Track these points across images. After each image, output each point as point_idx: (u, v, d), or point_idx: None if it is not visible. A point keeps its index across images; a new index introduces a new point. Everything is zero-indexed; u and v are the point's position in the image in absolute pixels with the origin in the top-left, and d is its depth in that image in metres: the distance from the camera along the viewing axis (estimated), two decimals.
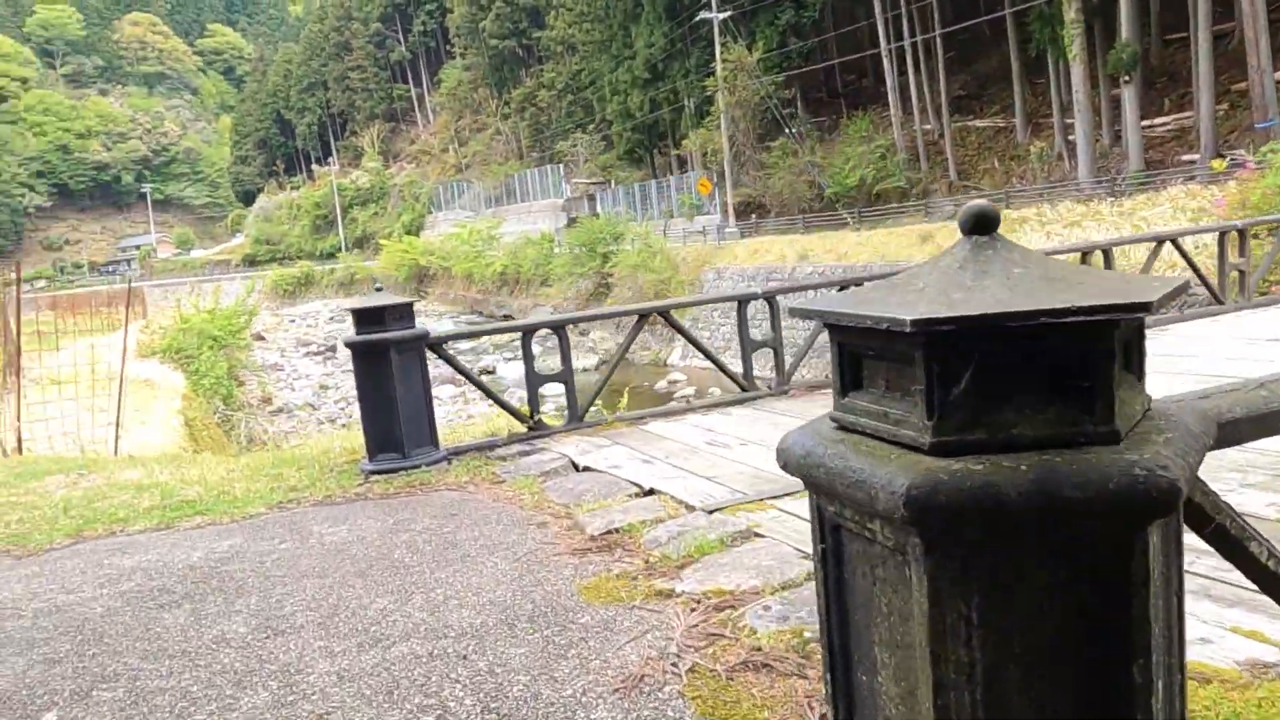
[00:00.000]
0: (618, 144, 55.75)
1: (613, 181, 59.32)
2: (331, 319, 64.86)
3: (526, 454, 5.56)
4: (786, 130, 42.00)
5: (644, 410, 6.39)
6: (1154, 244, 8.50)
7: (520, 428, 6.01)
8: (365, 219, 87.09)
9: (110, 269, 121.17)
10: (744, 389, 6.45)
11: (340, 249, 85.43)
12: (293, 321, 61.61)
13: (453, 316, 55.09)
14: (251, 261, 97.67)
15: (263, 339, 45.05)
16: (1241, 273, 8.50)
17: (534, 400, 5.96)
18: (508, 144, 76.88)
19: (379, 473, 5.47)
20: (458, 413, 27.48)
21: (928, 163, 38.43)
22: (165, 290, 72.12)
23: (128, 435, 12.10)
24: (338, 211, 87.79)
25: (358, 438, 6.77)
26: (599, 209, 55.62)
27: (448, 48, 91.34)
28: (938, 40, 37.47)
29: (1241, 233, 8.91)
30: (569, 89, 63.39)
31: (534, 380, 5.95)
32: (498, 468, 5.36)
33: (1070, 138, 33.75)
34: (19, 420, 9.43)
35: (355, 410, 28.79)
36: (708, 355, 6.66)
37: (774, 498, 4.05)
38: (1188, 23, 31.57)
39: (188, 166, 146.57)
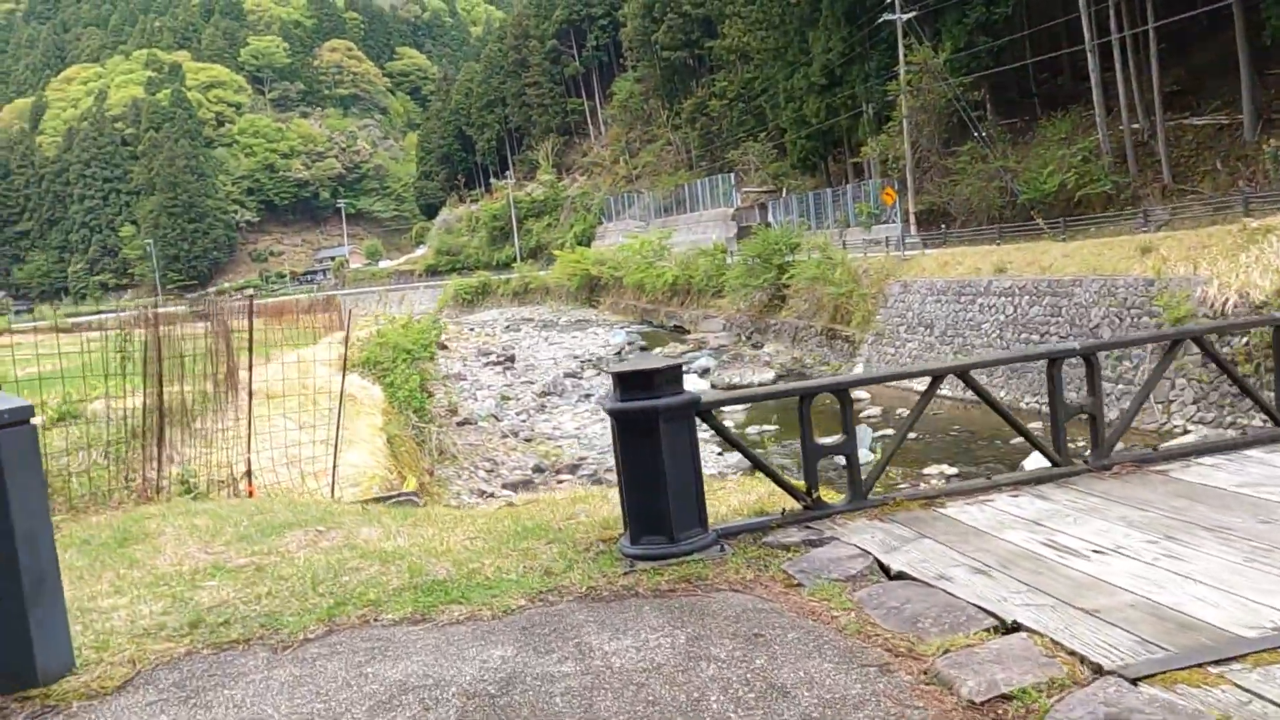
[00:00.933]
0: (791, 152, 54.31)
1: (784, 190, 57.91)
2: (508, 327, 66.48)
3: (814, 543, 4.65)
4: (975, 134, 39.49)
5: (936, 488, 5.37)
6: None
7: (794, 504, 5.13)
8: (539, 230, 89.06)
9: (309, 278, 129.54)
10: (1056, 463, 5.33)
11: (515, 259, 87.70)
12: (471, 330, 63.47)
13: (624, 326, 55.18)
14: (433, 271, 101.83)
15: (445, 348, 46.32)
16: None
17: (813, 474, 5.05)
18: (677, 154, 76.70)
19: (644, 559, 4.70)
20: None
21: (1137, 165, 35.14)
22: (357, 298, 76.01)
23: (340, 456, 12.04)
24: (514, 223, 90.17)
25: (601, 505, 6.06)
26: (770, 218, 54.36)
27: (620, 61, 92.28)
28: (1150, 33, 34.20)
29: None
30: (741, 97, 62.40)
31: (812, 451, 5.04)
32: (786, 563, 4.47)
33: None
34: (249, 451, 9.33)
35: (536, 424, 28.70)
36: (1012, 423, 5.56)
37: (1217, 662, 2.97)
38: None
39: (376, 182, 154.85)
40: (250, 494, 8.87)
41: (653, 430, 4.72)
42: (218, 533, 6.20)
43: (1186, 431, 20.79)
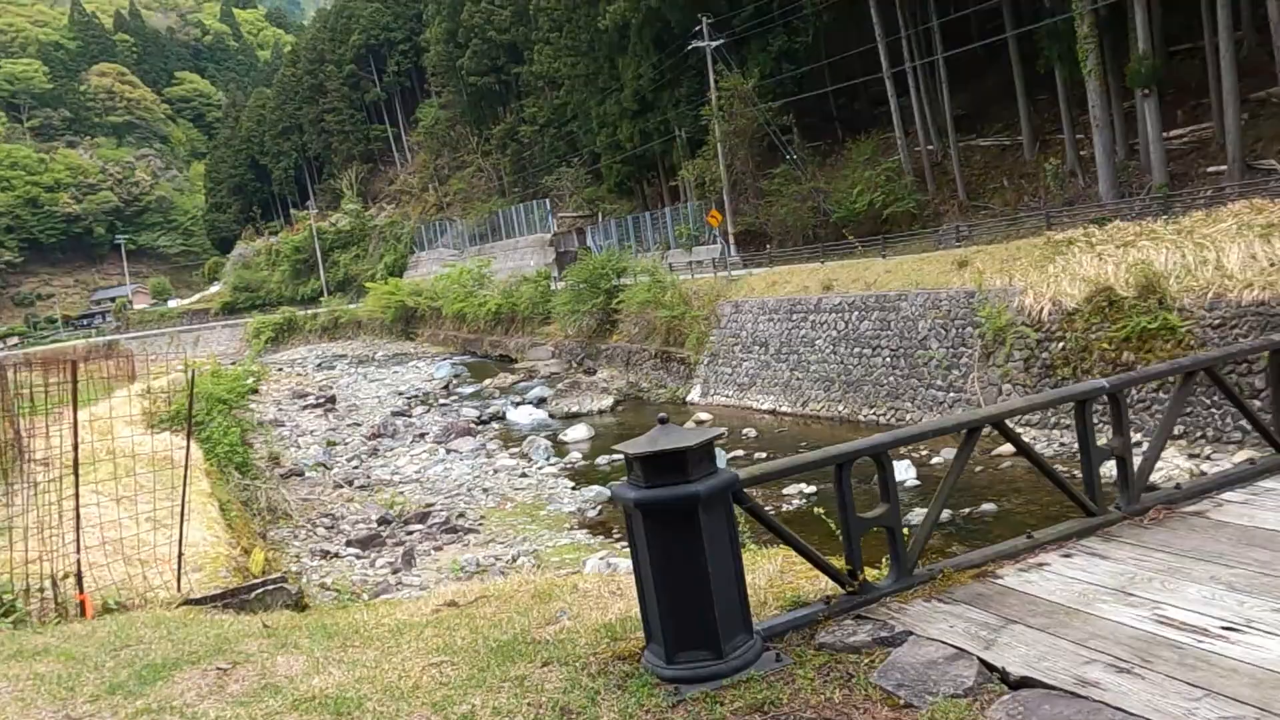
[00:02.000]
0: (607, 176, 54.27)
1: (600, 215, 57.82)
2: (320, 365, 62.51)
3: (888, 641, 3.85)
4: (786, 156, 40.72)
5: (982, 554, 4.72)
6: None
7: (836, 589, 4.32)
8: (346, 262, 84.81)
9: (85, 322, 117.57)
10: (1092, 513, 4.82)
11: (323, 293, 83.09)
12: (280, 370, 59.16)
13: (446, 358, 52.99)
14: (231, 309, 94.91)
15: (256, 391, 42.77)
16: None
17: (856, 553, 4.27)
18: (489, 181, 75.21)
19: (691, 682, 3.74)
20: (483, 467, 25.63)
21: (935, 184, 37.29)
22: (144, 341, 69.20)
23: (170, 534, 10.18)
24: (318, 255, 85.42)
25: (583, 602, 5.00)
26: (590, 243, 54.03)
27: (424, 86, 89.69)
28: (940, 62, 36.45)
29: None
30: (552, 123, 61.90)
31: (855, 525, 4.26)
32: (872, 674, 3.64)
33: (1082, 153, 32.75)
34: (79, 551, 7.52)
35: (371, 469, 26.50)
36: (1047, 472, 5.00)
37: None
38: (1192, 33, 30.79)
39: (160, 216, 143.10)
40: (85, 607, 7.10)
41: (691, 522, 3.77)
42: (75, 684, 4.66)
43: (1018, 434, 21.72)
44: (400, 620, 5.35)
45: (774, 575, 4.91)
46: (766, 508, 4.36)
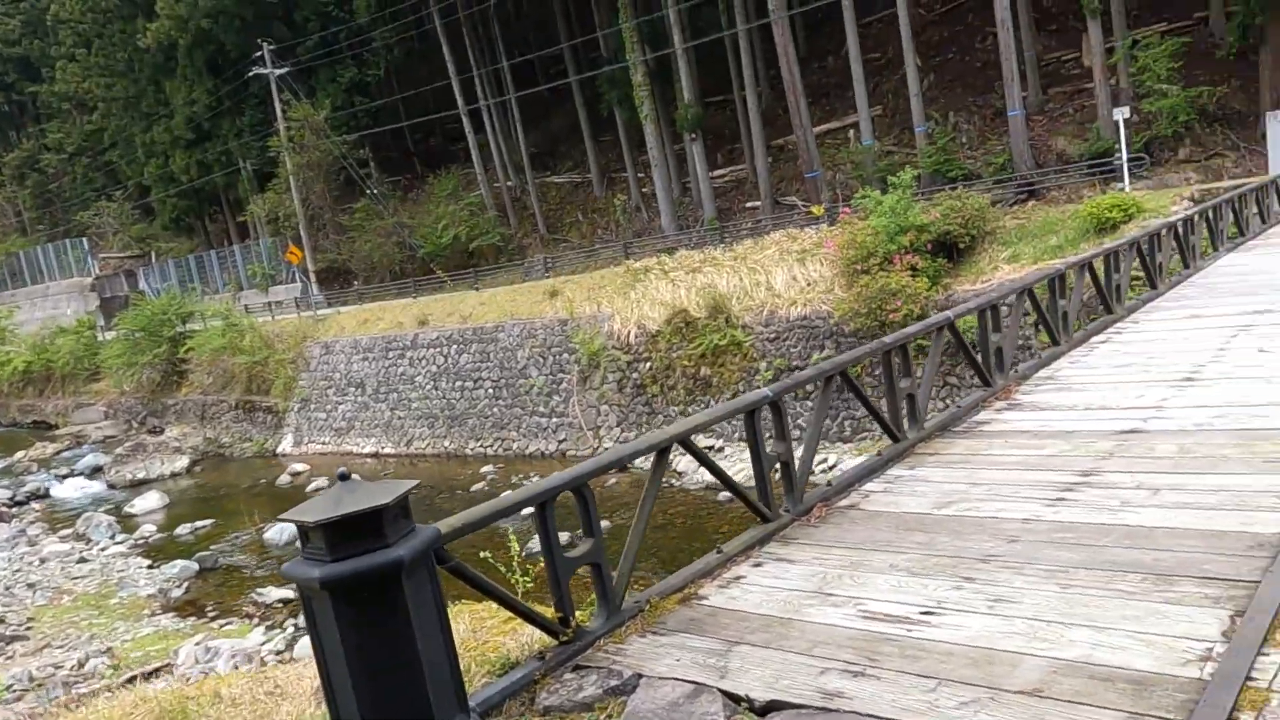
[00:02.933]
0: (161, 211, 48.40)
1: (155, 254, 51.40)
2: None
3: (616, 689, 3.47)
4: (366, 191, 39.39)
5: (676, 575, 4.52)
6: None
7: (545, 639, 3.85)
8: None
9: None
10: (767, 519, 4.90)
11: None
12: None
13: None
14: None
15: None
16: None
17: (567, 597, 3.84)
18: (4, 217, 63.36)
19: None
20: (25, 558, 21.10)
21: (516, 218, 38.41)
22: None
23: None
24: None
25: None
26: (144, 285, 47.75)
27: None
28: (513, 101, 37.70)
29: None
30: (84, 151, 53.84)
31: (564, 565, 3.83)
32: None
33: (644, 190, 35.80)
34: None
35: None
36: (726, 481, 4.95)
37: None
38: (723, 87, 35.19)
39: None
40: None
41: (393, 595, 3.11)
42: None
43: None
44: None
45: (466, 636, 4.32)
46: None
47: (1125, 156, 21.45)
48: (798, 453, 5.16)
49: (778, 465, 5.07)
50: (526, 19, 41.33)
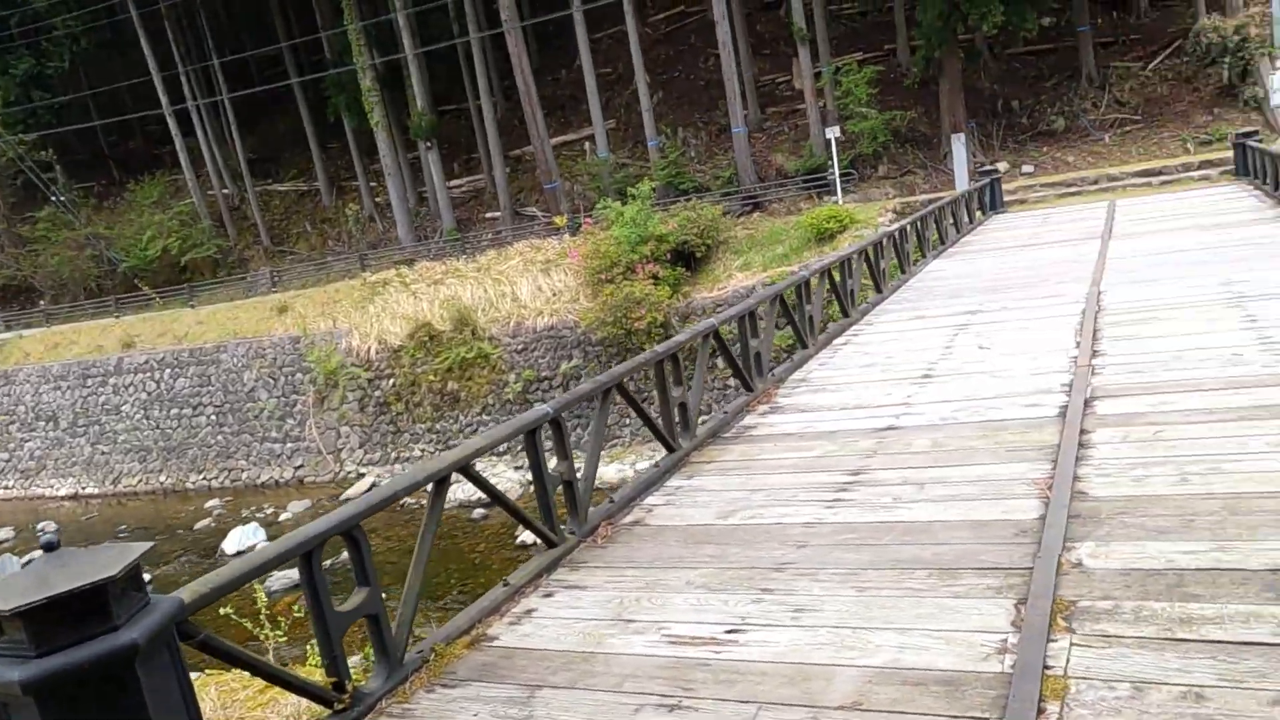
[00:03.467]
0: None
1: None
2: None
3: None
4: (52, 198, 34.69)
5: (461, 615, 4.07)
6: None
7: (320, 708, 3.29)
8: None
9: None
10: (553, 542, 4.58)
11: None
12: None
13: None
14: None
15: None
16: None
17: (341, 659, 3.30)
18: None
19: None
20: None
21: (235, 229, 35.39)
22: None
23: None
24: None
25: None
26: None
27: None
28: (226, 102, 34.72)
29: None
30: None
31: (336, 621, 3.31)
32: None
33: (378, 199, 34.27)
34: None
35: None
36: (509, 509, 4.55)
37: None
38: (457, 96, 34.50)
39: None
40: None
41: (125, 689, 2.49)
42: None
43: (361, 475, 21.67)
44: None
45: (213, 715, 3.66)
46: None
47: (837, 172, 23.31)
48: (580, 470, 4.91)
49: (560, 486, 4.79)
50: (239, 15, 38.28)
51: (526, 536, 16.34)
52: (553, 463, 4.78)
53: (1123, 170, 22.06)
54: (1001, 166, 24.09)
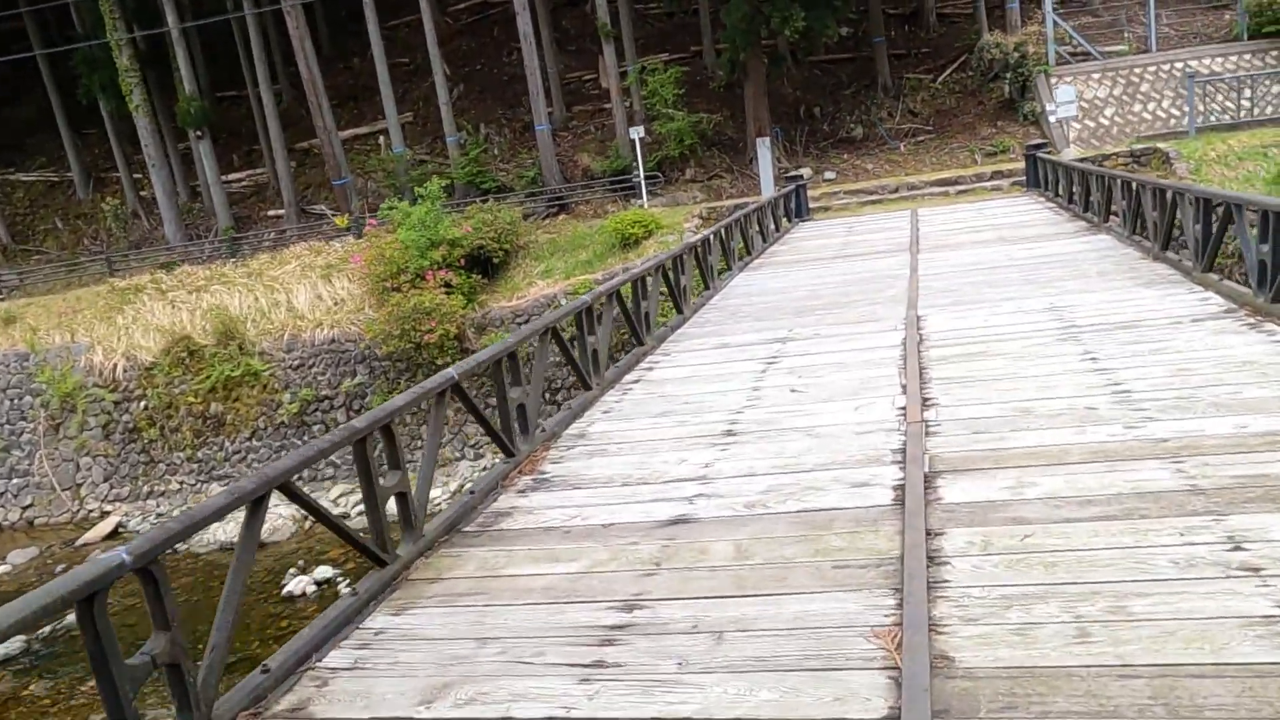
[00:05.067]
0: None
1: None
2: None
3: None
4: None
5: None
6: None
7: None
8: None
9: None
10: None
11: None
12: None
13: None
14: None
15: None
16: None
17: None
18: None
19: None
20: None
21: None
22: None
23: None
24: None
25: None
26: None
27: None
28: None
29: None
30: None
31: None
32: None
33: (143, 193, 30.11)
34: None
35: None
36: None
37: None
38: (237, 82, 30.90)
39: None
40: None
41: None
42: None
43: (105, 514, 18.44)
44: None
45: None
46: None
47: (642, 174, 22.04)
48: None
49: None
50: None
51: (294, 587, 14.00)
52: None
53: (921, 179, 21.99)
54: (805, 172, 23.62)
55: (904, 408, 5.51)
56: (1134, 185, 9.64)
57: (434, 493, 15.95)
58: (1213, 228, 7.47)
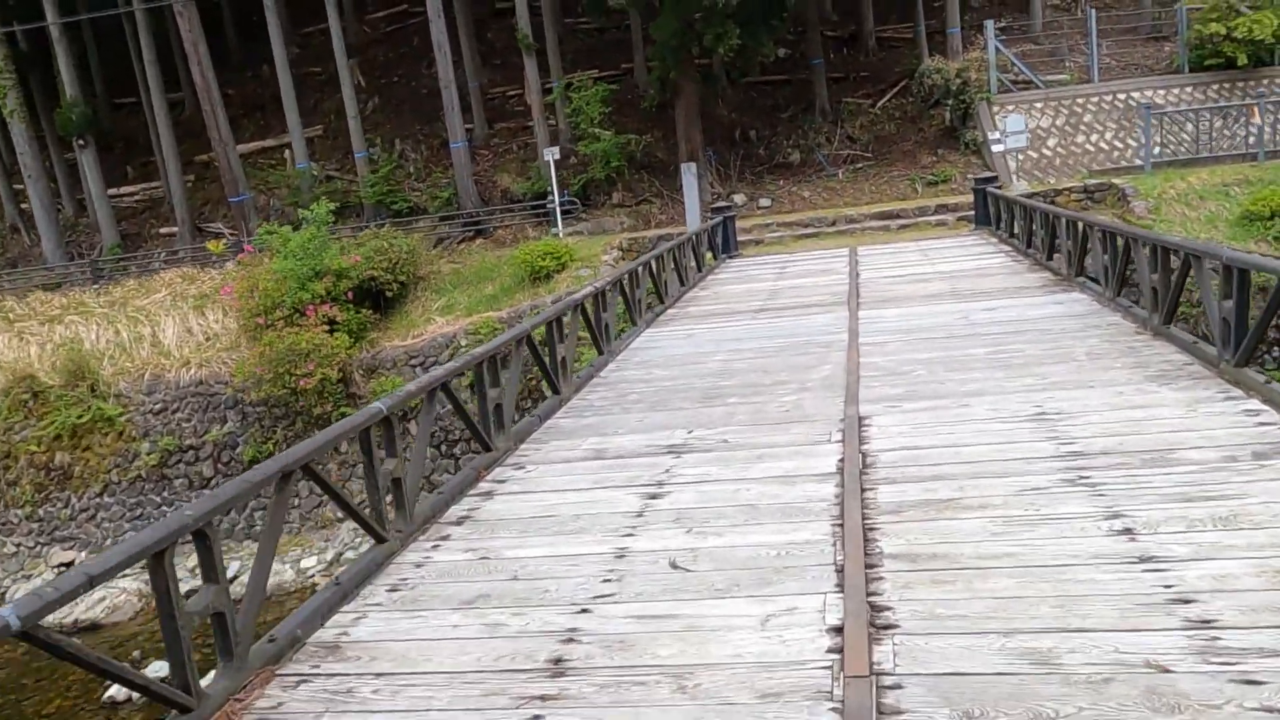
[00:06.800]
0: None
1: None
2: None
3: None
4: None
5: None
6: None
7: None
8: None
9: None
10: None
11: None
12: None
13: None
14: None
15: None
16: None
17: None
18: None
19: None
20: None
21: None
22: None
23: None
24: None
25: None
26: None
27: None
28: None
29: None
30: None
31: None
32: None
33: (24, 206, 26.91)
34: None
35: None
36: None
37: None
38: (133, 88, 27.94)
39: None
40: None
41: None
42: None
43: None
44: None
45: None
46: None
47: (557, 199, 19.75)
48: None
49: None
50: None
51: (117, 692, 11.33)
52: None
53: (860, 211, 20.07)
54: (739, 199, 21.58)
55: (840, 627, 3.28)
56: (1121, 239, 7.63)
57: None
58: (1248, 303, 5.42)
